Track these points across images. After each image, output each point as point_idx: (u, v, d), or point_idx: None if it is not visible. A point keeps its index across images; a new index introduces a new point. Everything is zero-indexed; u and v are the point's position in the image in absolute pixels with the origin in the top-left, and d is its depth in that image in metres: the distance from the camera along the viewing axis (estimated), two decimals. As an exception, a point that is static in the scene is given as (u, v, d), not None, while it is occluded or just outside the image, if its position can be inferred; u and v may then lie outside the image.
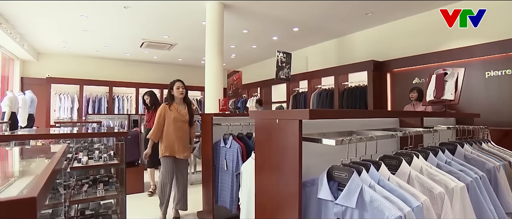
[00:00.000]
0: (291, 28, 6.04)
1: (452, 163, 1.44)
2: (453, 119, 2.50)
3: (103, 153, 2.33)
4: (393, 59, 5.33)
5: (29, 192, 0.48)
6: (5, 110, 5.53)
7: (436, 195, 1.08)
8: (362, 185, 0.97)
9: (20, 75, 7.95)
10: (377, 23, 5.72)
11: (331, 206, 1.04)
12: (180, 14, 5.29)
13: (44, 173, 0.64)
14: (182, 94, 3.06)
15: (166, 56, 8.71)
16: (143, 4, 4.81)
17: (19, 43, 6.33)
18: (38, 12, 5.18)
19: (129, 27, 6.00)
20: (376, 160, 1.16)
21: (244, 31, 6.19)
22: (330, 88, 6.32)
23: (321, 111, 1.00)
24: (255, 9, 4.99)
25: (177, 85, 3.07)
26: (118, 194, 2.33)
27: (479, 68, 4.17)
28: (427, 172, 1.25)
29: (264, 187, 1.25)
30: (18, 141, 2.24)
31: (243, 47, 7.61)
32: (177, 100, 3.09)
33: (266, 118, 1.22)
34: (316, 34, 6.46)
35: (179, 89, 3.04)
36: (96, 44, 7.42)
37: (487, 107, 3.95)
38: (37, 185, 0.54)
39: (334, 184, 1.07)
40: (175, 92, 3.04)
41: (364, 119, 1.72)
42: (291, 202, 1.09)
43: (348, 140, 1.05)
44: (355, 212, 0.97)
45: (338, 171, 1.05)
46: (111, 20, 5.62)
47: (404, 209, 0.89)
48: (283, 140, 1.14)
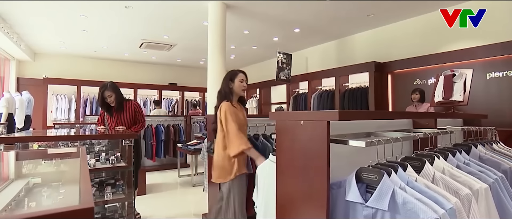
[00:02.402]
0: (292, 29, 6.05)
1: (470, 164, 1.44)
2: (461, 120, 2.52)
3: (110, 155, 2.29)
4: (394, 61, 5.36)
5: (85, 202, 0.51)
6: (2, 111, 5.44)
7: (463, 196, 1.07)
8: (394, 187, 0.96)
9: (16, 75, 7.83)
10: (378, 24, 5.75)
11: (360, 209, 1.02)
12: (181, 15, 5.26)
13: (86, 181, 0.64)
14: (245, 91, 2.36)
15: (165, 57, 8.67)
16: (144, 4, 4.77)
17: (16, 43, 6.24)
18: (37, 11, 5.11)
19: (129, 27, 5.95)
20: (401, 162, 1.15)
21: (245, 31, 6.18)
22: (331, 89, 6.33)
23: (350, 112, 0.99)
24: (257, 9, 4.99)
25: (240, 77, 2.29)
26: (126, 197, 2.29)
27: (481, 70, 4.21)
28: (450, 173, 1.25)
29: (286, 190, 1.24)
30: (22, 143, 2.19)
31: (243, 48, 7.60)
32: (235, 97, 2.32)
33: (290, 120, 1.21)
34: (316, 35, 6.48)
35: (243, 83, 2.30)
36: (94, 44, 7.34)
37: (489, 108, 3.98)
38: (87, 193, 0.56)
39: (362, 186, 1.06)
40: (237, 86, 2.28)
41: (378, 121, 1.71)
42: (317, 204, 1.07)
43: (377, 142, 1.04)
44: (386, 214, 0.96)
45: (367, 173, 1.04)
46: (111, 20, 5.57)
47: (439, 211, 0.89)
48: (308, 142, 1.12)
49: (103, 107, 2.96)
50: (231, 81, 2.29)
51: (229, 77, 2.32)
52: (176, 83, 9.96)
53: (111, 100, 2.89)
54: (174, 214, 3.40)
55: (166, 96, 9.94)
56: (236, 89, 2.28)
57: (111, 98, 2.88)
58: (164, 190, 4.48)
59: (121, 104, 2.97)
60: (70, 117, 8.14)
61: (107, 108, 2.97)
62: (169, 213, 3.42)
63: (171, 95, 10.08)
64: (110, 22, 5.70)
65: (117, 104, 2.92)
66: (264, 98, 8.59)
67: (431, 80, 4.82)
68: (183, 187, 4.75)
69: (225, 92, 2.27)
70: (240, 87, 2.28)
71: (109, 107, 2.97)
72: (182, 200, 4.20)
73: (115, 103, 2.91)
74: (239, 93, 2.31)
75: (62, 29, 6.06)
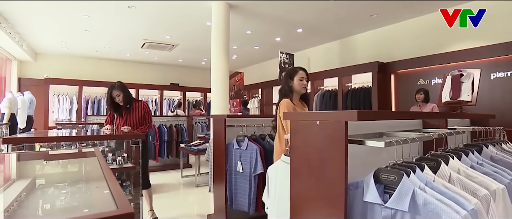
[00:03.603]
0: (295, 29, 6.04)
1: (483, 164, 1.43)
2: (468, 120, 2.52)
3: (117, 156, 2.28)
4: (397, 61, 5.35)
5: (123, 207, 0.52)
6: (5, 112, 5.42)
7: (481, 197, 1.06)
8: (414, 188, 0.95)
9: (18, 75, 7.81)
10: (381, 24, 5.74)
11: (378, 210, 1.01)
12: (184, 15, 5.25)
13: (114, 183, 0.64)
14: (305, 89, 2.31)
15: (166, 57, 8.65)
16: (147, 4, 4.75)
17: (18, 43, 6.22)
18: (40, 11, 5.09)
19: (131, 27, 5.94)
20: (418, 162, 1.14)
21: (248, 31, 6.18)
22: (334, 89, 6.33)
23: (369, 113, 0.98)
24: (260, 9, 4.98)
25: (300, 75, 2.26)
26: (133, 198, 2.28)
27: (485, 70, 4.17)
28: (465, 174, 1.24)
29: (301, 190, 1.23)
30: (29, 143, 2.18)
31: (245, 48, 7.59)
32: (295, 95, 2.29)
33: (305, 120, 1.20)
34: (319, 35, 6.47)
35: (303, 81, 2.26)
36: (96, 44, 7.32)
37: (493, 108, 3.97)
38: (121, 197, 0.57)
39: (380, 186, 1.05)
40: (296, 84, 2.25)
41: (388, 121, 1.71)
42: (335, 205, 1.06)
43: (395, 142, 1.03)
44: (406, 215, 0.95)
45: (385, 173, 1.03)
46: (114, 20, 5.56)
47: (461, 212, 0.88)
48: (324, 142, 1.11)
49: (111, 107, 2.95)
50: (290, 79, 2.26)
51: (289, 75, 2.28)
52: (177, 83, 9.95)
53: (119, 99, 2.89)
54: (178, 215, 3.39)
55: (167, 96, 9.93)
56: (295, 87, 2.25)
57: (119, 98, 2.89)
58: (167, 190, 4.47)
59: (130, 103, 2.96)
60: (72, 117, 8.12)
61: (115, 108, 2.96)
62: (173, 214, 3.41)
63: (172, 95, 10.06)
64: (112, 22, 5.69)
65: (125, 103, 2.92)
66: (266, 98, 8.58)
67: (434, 80, 4.81)
68: (187, 187, 4.74)
69: (285, 90, 2.27)
70: (300, 85, 2.25)
71: (118, 107, 2.97)
72: (185, 200, 4.19)
73: (123, 103, 2.91)
74: (299, 91, 2.27)
75: (65, 29, 6.05)
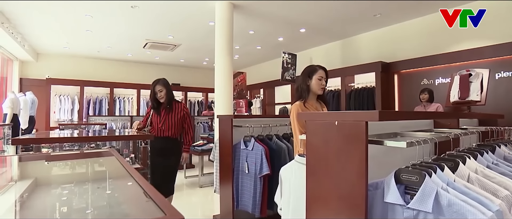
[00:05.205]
0: (298, 29, 6.03)
1: (499, 164, 1.42)
2: (476, 120, 2.51)
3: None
4: (400, 61, 5.35)
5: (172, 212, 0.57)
6: (7, 112, 5.40)
7: (503, 197, 1.05)
8: (437, 188, 0.94)
9: (19, 76, 7.78)
10: (384, 24, 5.73)
11: (399, 210, 1.00)
12: (187, 14, 5.24)
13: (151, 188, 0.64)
14: (323, 89, 2.17)
15: (168, 57, 8.63)
16: (150, 4, 4.74)
17: (20, 43, 6.20)
18: (42, 11, 5.07)
19: (134, 27, 5.92)
20: (437, 163, 1.14)
21: (251, 31, 6.17)
22: (336, 89, 6.32)
23: (390, 113, 0.97)
24: (264, 9, 4.97)
25: (319, 75, 2.12)
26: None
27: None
28: (483, 174, 1.23)
29: (318, 191, 1.22)
30: (34, 144, 2.18)
31: (247, 48, 7.58)
32: (312, 95, 2.17)
33: (323, 120, 1.19)
34: (322, 35, 6.46)
35: (321, 81, 2.12)
36: (98, 45, 7.30)
37: (498, 108, 3.96)
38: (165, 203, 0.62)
39: (400, 187, 1.04)
40: (314, 84, 2.11)
41: (400, 121, 1.70)
42: (355, 206, 1.05)
43: (417, 142, 1.02)
44: (429, 216, 0.94)
45: (406, 174, 1.02)
46: (116, 20, 5.54)
47: (487, 213, 0.87)
48: (343, 143, 1.10)
49: (154, 103, 2.91)
50: (308, 78, 2.12)
51: (307, 73, 2.15)
52: (179, 84, 9.93)
53: (162, 95, 2.86)
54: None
55: (169, 97, 9.89)
56: (313, 87, 2.11)
57: (162, 93, 2.86)
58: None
59: (171, 102, 2.93)
60: (73, 117, 8.10)
61: (157, 105, 2.92)
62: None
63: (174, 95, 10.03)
64: (115, 22, 5.67)
65: (166, 100, 2.89)
66: (268, 98, 8.57)
67: (438, 80, 4.81)
68: (190, 188, 4.73)
69: (302, 90, 2.14)
70: (318, 85, 2.11)
71: (159, 104, 2.93)
72: (189, 201, 4.18)
73: (165, 99, 2.88)
74: (316, 91, 2.13)
75: (67, 29, 6.02)
